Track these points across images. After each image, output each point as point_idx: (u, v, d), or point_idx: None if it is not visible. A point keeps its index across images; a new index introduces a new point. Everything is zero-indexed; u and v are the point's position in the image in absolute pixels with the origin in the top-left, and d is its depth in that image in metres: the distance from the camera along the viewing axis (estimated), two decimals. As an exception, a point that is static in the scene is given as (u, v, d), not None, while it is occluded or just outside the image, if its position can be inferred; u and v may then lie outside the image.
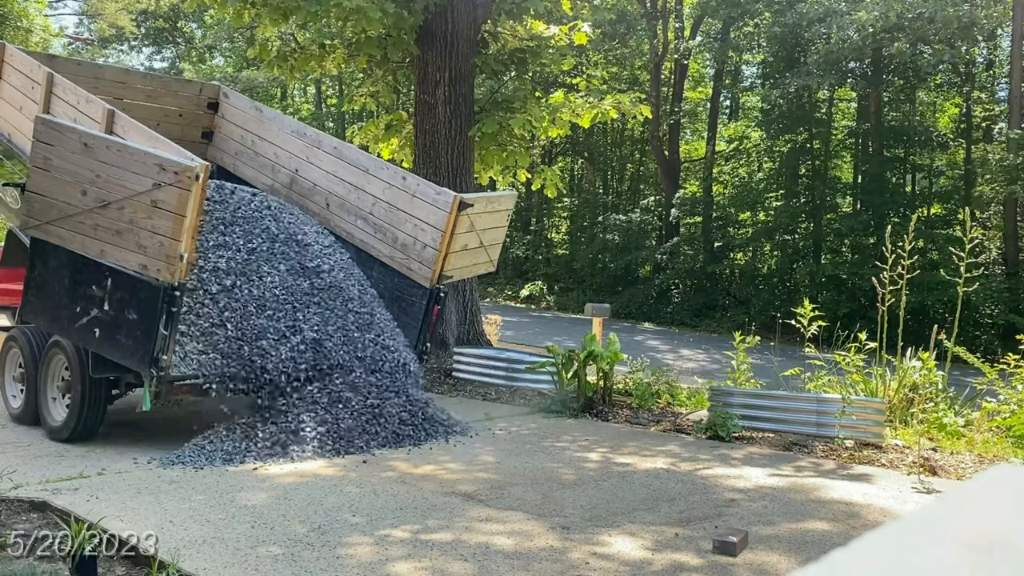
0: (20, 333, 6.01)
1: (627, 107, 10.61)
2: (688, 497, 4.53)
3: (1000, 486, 0.60)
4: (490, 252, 7.20)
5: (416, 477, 4.80)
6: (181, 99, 8.22)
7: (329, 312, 6.15)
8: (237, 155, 7.96)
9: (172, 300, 4.96)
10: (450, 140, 9.82)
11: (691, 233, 24.85)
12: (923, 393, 6.50)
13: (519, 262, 28.37)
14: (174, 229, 4.85)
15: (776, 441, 6.06)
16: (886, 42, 18.53)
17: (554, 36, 10.47)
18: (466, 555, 3.51)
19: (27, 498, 4.09)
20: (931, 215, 21.07)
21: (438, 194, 6.57)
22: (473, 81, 10.26)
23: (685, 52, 24.45)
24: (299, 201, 7.27)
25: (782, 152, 23.20)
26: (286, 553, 3.45)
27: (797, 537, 3.91)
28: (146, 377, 5.06)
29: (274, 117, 7.93)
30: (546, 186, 11.69)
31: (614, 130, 28.87)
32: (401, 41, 9.64)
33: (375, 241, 6.89)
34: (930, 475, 5.17)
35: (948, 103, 23.78)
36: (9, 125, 6.97)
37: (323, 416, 5.43)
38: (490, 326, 11.49)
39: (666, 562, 3.53)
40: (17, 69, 6.88)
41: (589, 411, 6.96)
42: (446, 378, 8.52)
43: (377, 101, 13.12)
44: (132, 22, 32.69)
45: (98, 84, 7.66)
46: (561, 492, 4.57)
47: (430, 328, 6.67)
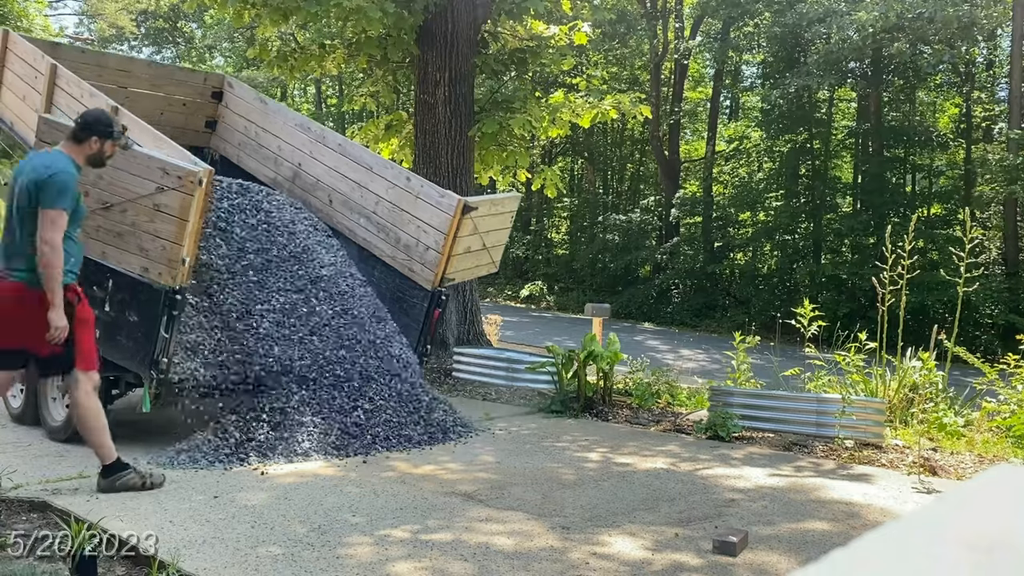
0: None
1: (627, 107, 10.61)
2: (688, 497, 4.53)
3: (1000, 486, 0.60)
4: (493, 254, 7.19)
5: (416, 477, 4.80)
6: (185, 88, 8.19)
7: (330, 312, 6.15)
8: (240, 146, 7.94)
9: (173, 303, 4.96)
10: (450, 140, 9.82)
11: (691, 233, 24.86)
12: (923, 393, 6.50)
13: (519, 262, 28.37)
14: (176, 233, 4.85)
15: (776, 441, 6.06)
16: (886, 42, 18.53)
17: (554, 36, 10.47)
18: (466, 555, 3.51)
19: (27, 498, 4.09)
20: (931, 215, 21.07)
21: (442, 196, 6.55)
22: (473, 81, 10.26)
23: (685, 52, 24.45)
24: (302, 196, 7.26)
25: (782, 152, 23.20)
26: (286, 553, 3.45)
27: (797, 537, 3.92)
28: (146, 379, 5.06)
29: (278, 110, 7.88)
30: (546, 186, 11.70)
31: (614, 130, 28.87)
32: (401, 41, 9.64)
33: (377, 240, 6.88)
34: (930, 475, 5.17)
35: (948, 103, 23.78)
36: (11, 113, 6.95)
37: (323, 416, 5.43)
38: (490, 326, 11.49)
39: (666, 562, 3.53)
40: (21, 58, 6.86)
41: (589, 411, 6.96)
42: (446, 378, 8.52)
43: (377, 101, 13.13)
44: (132, 22, 32.71)
45: (102, 72, 7.63)
46: (561, 492, 4.57)
47: (431, 330, 6.67)
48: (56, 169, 4.18)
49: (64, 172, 4.19)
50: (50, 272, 4.06)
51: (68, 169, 4.23)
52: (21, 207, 4.19)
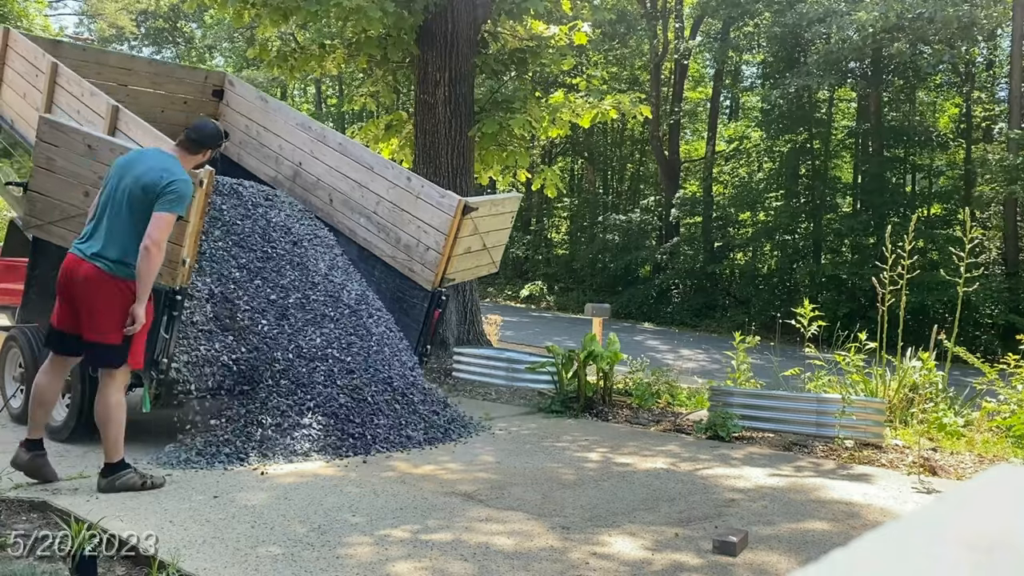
0: (20, 333, 6.00)
1: (627, 107, 10.61)
2: (688, 497, 4.53)
3: (1000, 486, 0.60)
4: (493, 254, 7.19)
5: (416, 477, 4.80)
6: (186, 86, 8.19)
7: (331, 312, 6.15)
8: (241, 144, 7.95)
9: (173, 304, 4.96)
10: (450, 140, 9.82)
11: (691, 233, 24.86)
12: (923, 393, 6.50)
13: (519, 262, 28.38)
14: (177, 234, 4.85)
15: (776, 441, 6.06)
16: (886, 42, 18.54)
17: (554, 36, 10.47)
18: (466, 555, 3.51)
19: (27, 498, 4.09)
20: (931, 215, 21.08)
21: (442, 197, 6.55)
22: (473, 81, 10.27)
23: (685, 52, 24.46)
24: (302, 195, 7.27)
25: (782, 152, 23.21)
26: (286, 553, 3.45)
27: (797, 537, 3.92)
28: (146, 379, 5.06)
29: (279, 108, 7.88)
30: (546, 186, 11.70)
31: (614, 130, 28.88)
32: (401, 41, 9.64)
33: (378, 240, 6.88)
34: (930, 475, 5.17)
35: (948, 103, 23.79)
36: (12, 111, 6.96)
37: (323, 416, 5.43)
38: (490, 326, 11.50)
39: (666, 562, 3.53)
40: (21, 55, 6.86)
41: (589, 411, 6.96)
42: (446, 378, 8.52)
43: (377, 101, 13.13)
44: (132, 22, 32.72)
45: (103, 70, 7.63)
46: (561, 492, 4.57)
47: (431, 331, 6.66)
48: (177, 176, 4.32)
49: (185, 181, 4.35)
50: (150, 269, 4.18)
51: (187, 178, 4.39)
52: (133, 201, 4.27)
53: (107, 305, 4.21)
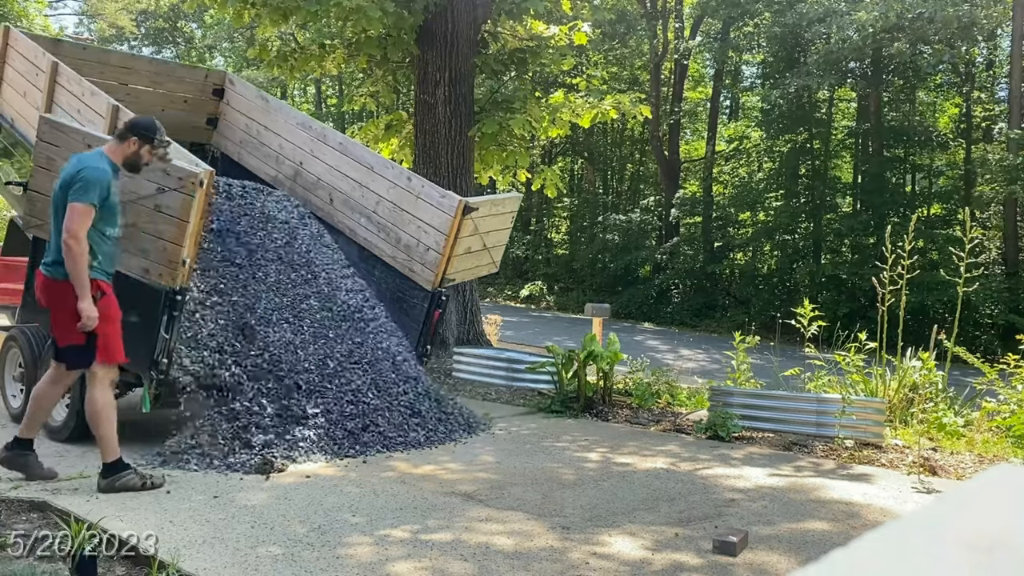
0: (20, 333, 6.00)
1: (627, 107, 10.62)
2: (688, 497, 4.53)
3: (1000, 486, 0.60)
4: (493, 254, 7.19)
5: (416, 477, 4.80)
6: (187, 85, 8.19)
7: (331, 313, 6.15)
8: (242, 144, 7.94)
9: (173, 304, 4.96)
10: (450, 140, 9.82)
11: (691, 233, 24.86)
12: (923, 393, 6.50)
13: (519, 262, 28.37)
14: (177, 234, 4.85)
15: (776, 441, 6.06)
16: (886, 42, 18.53)
17: (554, 36, 10.48)
18: (466, 555, 3.51)
19: (27, 498, 4.09)
20: (931, 215, 21.08)
21: (443, 197, 6.55)
22: (473, 81, 10.27)
23: (685, 52, 24.45)
24: (303, 194, 7.27)
25: (782, 152, 23.20)
26: (286, 553, 3.45)
27: (797, 537, 3.92)
28: (146, 379, 5.06)
29: (280, 108, 7.87)
30: (546, 186, 11.70)
31: (614, 130, 28.87)
32: (401, 41, 9.64)
33: (378, 240, 6.88)
34: (930, 475, 5.17)
35: (948, 103, 23.79)
36: (12, 110, 6.95)
37: (324, 416, 5.43)
38: (490, 326, 11.50)
39: (666, 562, 3.53)
40: (22, 54, 6.85)
41: (589, 411, 6.96)
42: (446, 378, 8.51)
43: (377, 101, 13.14)
44: (132, 22, 32.72)
45: (103, 69, 7.63)
46: (561, 492, 4.57)
47: (431, 331, 6.66)
48: (84, 165, 4.27)
49: (92, 168, 4.26)
50: (73, 262, 4.14)
51: (97, 165, 4.30)
52: (57, 202, 4.31)
53: (59, 308, 4.25)
